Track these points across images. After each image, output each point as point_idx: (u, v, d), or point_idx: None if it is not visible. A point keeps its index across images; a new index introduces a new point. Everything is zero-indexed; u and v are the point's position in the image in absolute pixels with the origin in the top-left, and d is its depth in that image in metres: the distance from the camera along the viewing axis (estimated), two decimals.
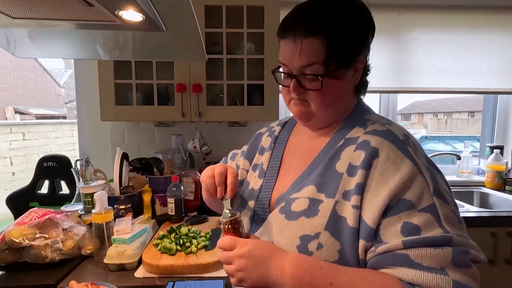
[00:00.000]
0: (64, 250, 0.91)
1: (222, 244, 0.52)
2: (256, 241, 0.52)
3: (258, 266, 0.48)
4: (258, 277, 0.48)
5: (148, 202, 1.25)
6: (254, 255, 0.48)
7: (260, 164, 0.68)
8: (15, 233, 0.85)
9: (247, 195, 0.66)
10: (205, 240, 0.98)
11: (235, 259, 0.49)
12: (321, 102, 0.55)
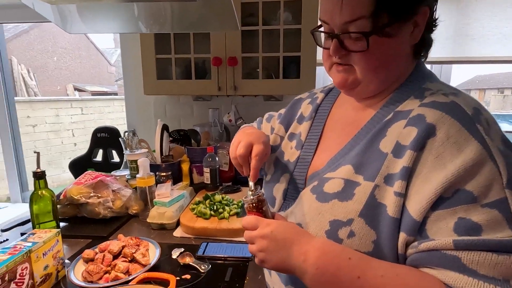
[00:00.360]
0: (113, 209, 1.03)
1: (244, 223, 0.50)
2: (280, 222, 0.49)
3: (280, 249, 0.45)
4: (279, 260, 0.45)
5: (186, 171, 1.33)
6: (276, 237, 0.45)
7: (297, 134, 0.61)
8: (74, 191, 0.98)
9: (282, 167, 0.61)
10: (237, 208, 1.03)
11: (257, 239, 0.47)
12: (367, 66, 0.46)
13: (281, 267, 0.46)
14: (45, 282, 0.68)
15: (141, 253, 0.75)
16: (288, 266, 0.45)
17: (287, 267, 0.45)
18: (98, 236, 0.93)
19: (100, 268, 0.69)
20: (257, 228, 0.47)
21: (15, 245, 0.65)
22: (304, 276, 0.43)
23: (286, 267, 0.45)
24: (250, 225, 0.49)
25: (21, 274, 0.61)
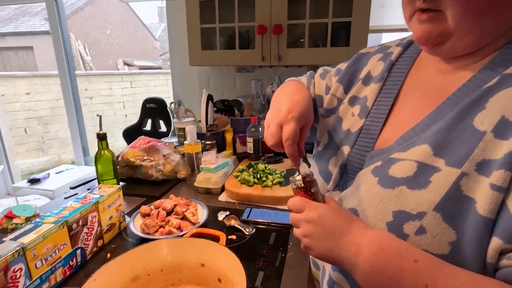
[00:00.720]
0: (164, 172, 1.10)
1: (290, 204, 0.45)
2: (329, 206, 0.42)
3: (327, 237, 0.39)
4: (326, 249, 0.40)
5: (229, 140, 1.36)
6: (323, 222, 0.40)
7: (362, 99, 0.51)
8: (130, 154, 1.07)
9: (340, 136, 0.52)
10: (280, 177, 1.04)
11: (302, 223, 0.42)
12: (465, 10, 0.35)
13: (328, 257, 0.40)
14: (110, 231, 0.76)
15: (191, 212, 0.80)
16: (335, 257, 0.39)
17: (335, 258, 0.39)
18: (152, 196, 1.01)
19: (156, 222, 0.76)
20: (303, 211, 0.42)
21: (85, 196, 0.73)
22: (354, 272, 0.37)
23: (333, 258, 0.39)
24: (296, 207, 0.44)
25: (92, 221, 0.69)
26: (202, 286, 0.58)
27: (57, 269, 0.60)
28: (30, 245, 0.54)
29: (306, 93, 0.56)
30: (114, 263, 0.51)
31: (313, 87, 0.64)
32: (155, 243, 0.57)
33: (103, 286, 0.49)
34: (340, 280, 0.48)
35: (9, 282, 0.50)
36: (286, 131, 0.47)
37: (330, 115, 0.57)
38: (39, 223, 0.60)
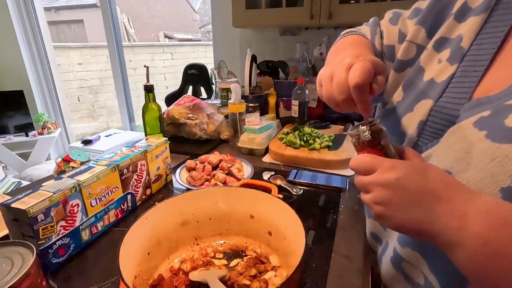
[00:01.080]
0: (207, 132, 1.08)
1: (355, 163, 0.35)
2: (411, 164, 0.33)
3: (412, 205, 0.30)
4: (410, 221, 0.31)
5: (273, 104, 1.30)
6: (405, 186, 0.31)
7: (454, 40, 0.42)
8: (175, 111, 1.06)
9: (420, 90, 0.44)
10: (328, 141, 0.96)
11: (375, 188, 0.33)
12: None
13: (412, 229, 0.31)
14: (157, 181, 0.76)
15: (236, 167, 0.77)
16: (424, 231, 0.30)
17: (423, 232, 0.30)
18: (195, 153, 1.00)
19: (202, 175, 0.74)
20: (375, 172, 0.33)
21: (134, 145, 0.73)
22: (454, 251, 0.28)
23: (421, 231, 0.31)
24: (363, 167, 0.34)
25: (141, 169, 0.69)
26: (250, 238, 0.56)
27: (110, 210, 0.61)
28: (85, 183, 0.55)
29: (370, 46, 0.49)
30: (165, 205, 0.50)
31: (379, 37, 0.54)
32: (205, 190, 0.55)
33: (154, 226, 0.48)
34: (413, 258, 0.41)
35: (68, 216, 0.52)
36: (357, 69, 0.36)
37: (406, 68, 0.49)
38: (93, 165, 0.61)
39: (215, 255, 0.53)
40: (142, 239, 0.45)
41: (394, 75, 0.51)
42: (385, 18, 0.56)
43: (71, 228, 0.53)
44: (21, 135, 2.69)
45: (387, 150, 0.36)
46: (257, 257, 0.51)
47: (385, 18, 0.56)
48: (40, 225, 0.47)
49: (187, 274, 0.47)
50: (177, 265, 0.50)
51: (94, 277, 0.50)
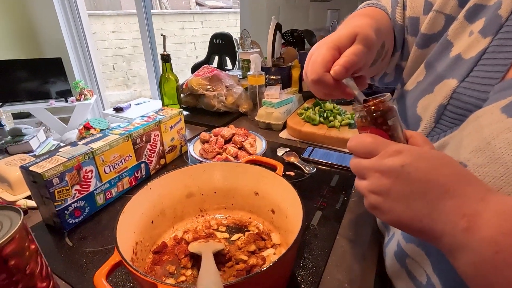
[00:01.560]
0: (226, 104, 1.07)
1: (353, 143, 0.31)
2: (422, 151, 0.28)
3: (414, 198, 0.26)
4: (408, 216, 0.27)
5: (296, 78, 1.24)
6: (410, 175, 0.26)
7: (491, 7, 0.35)
8: (194, 81, 1.05)
9: (443, 68, 0.38)
10: (350, 119, 0.91)
11: (372, 174, 0.29)
12: None
13: (412, 226, 0.27)
14: (171, 152, 0.78)
15: (249, 142, 0.76)
16: (426, 228, 0.26)
17: (424, 230, 0.26)
18: (212, 126, 1.00)
19: (214, 149, 0.74)
20: (376, 155, 0.29)
21: (149, 115, 0.74)
22: (457, 255, 0.25)
23: (421, 228, 0.26)
24: (363, 149, 0.30)
25: (154, 139, 0.71)
26: (254, 214, 0.56)
27: (124, 177, 0.64)
28: (98, 151, 0.57)
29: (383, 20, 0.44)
30: (168, 177, 0.51)
31: (401, 8, 0.48)
32: (209, 164, 0.54)
33: (158, 196, 0.49)
34: (417, 255, 0.37)
35: (82, 180, 0.55)
36: (315, 61, 0.37)
37: (431, 43, 0.43)
38: (106, 133, 0.63)
39: (218, 228, 0.53)
40: (145, 208, 0.47)
41: (417, 52, 0.45)
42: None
43: (86, 192, 0.56)
44: (61, 100, 2.88)
45: (394, 133, 0.31)
46: (258, 234, 0.51)
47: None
48: (55, 188, 0.50)
49: (188, 244, 0.48)
50: (180, 234, 0.51)
51: (107, 239, 0.53)
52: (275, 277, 0.35)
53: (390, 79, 0.56)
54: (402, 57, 0.50)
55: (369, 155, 0.30)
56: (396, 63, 0.52)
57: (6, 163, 0.64)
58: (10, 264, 0.23)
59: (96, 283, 0.29)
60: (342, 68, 0.35)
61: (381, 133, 0.31)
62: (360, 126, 0.33)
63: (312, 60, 0.37)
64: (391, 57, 0.51)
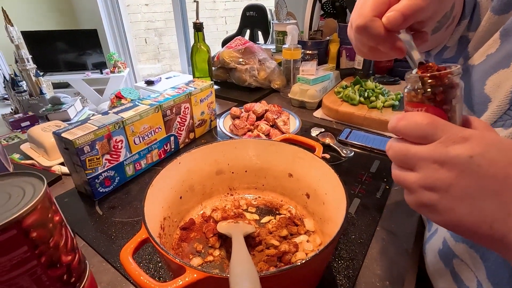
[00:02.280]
0: (258, 79, 1.01)
1: (405, 122, 0.24)
2: (493, 138, 0.22)
3: (483, 196, 0.21)
4: (473, 218, 0.22)
5: (334, 53, 1.15)
6: (481, 168, 0.21)
7: None
8: (225, 54, 1.00)
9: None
10: (394, 99, 0.82)
11: (428, 165, 0.23)
12: None
13: (477, 230, 0.22)
14: (201, 126, 0.75)
15: (282, 120, 0.71)
16: (496, 235, 0.21)
17: (494, 237, 0.21)
18: (243, 101, 0.96)
19: (245, 125, 0.70)
20: (435, 141, 0.23)
21: (179, 86, 0.71)
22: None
23: (491, 235, 0.21)
24: (418, 131, 0.23)
25: (184, 112, 0.68)
26: (286, 197, 0.52)
27: (153, 149, 0.63)
28: (128, 121, 0.55)
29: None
30: (199, 151, 0.48)
31: None
32: (242, 140, 0.51)
33: (187, 171, 0.47)
34: (468, 257, 0.32)
35: (112, 150, 0.54)
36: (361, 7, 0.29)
37: (511, 8, 0.35)
38: (137, 103, 0.61)
39: (248, 209, 0.51)
40: (174, 183, 0.45)
41: (491, 18, 0.37)
42: None
43: (116, 162, 0.55)
44: (96, 72, 2.97)
45: (454, 115, 0.25)
46: (290, 218, 0.48)
47: None
48: (86, 156, 0.50)
49: (217, 222, 0.46)
50: (208, 212, 0.49)
51: (135, 210, 0.52)
52: (314, 269, 0.32)
53: (451, 54, 0.48)
54: (469, 27, 0.42)
55: (425, 140, 0.23)
56: (461, 35, 0.44)
57: (42, 129, 0.65)
58: (32, 236, 0.21)
59: (123, 261, 0.27)
60: (400, 14, 0.26)
61: (440, 113, 0.24)
62: (412, 102, 0.26)
63: (362, 2, 0.30)
64: (456, 26, 0.43)
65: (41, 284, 0.23)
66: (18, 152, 0.68)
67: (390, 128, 0.25)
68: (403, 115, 0.25)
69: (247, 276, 0.24)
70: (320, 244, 0.43)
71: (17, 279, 0.22)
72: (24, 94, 1.87)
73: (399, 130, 0.24)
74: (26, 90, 1.89)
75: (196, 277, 0.26)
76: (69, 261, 0.25)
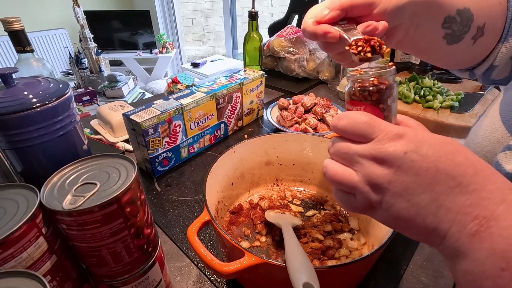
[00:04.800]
0: (306, 69, 1.00)
1: (345, 121, 0.24)
2: (427, 135, 0.23)
3: (418, 191, 0.21)
4: (409, 213, 0.22)
5: None
6: (415, 164, 0.21)
7: None
8: (276, 43, 1.00)
9: None
10: (454, 100, 0.77)
11: (367, 162, 0.23)
12: None
13: (411, 225, 0.22)
14: (249, 115, 0.78)
15: (330, 115, 0.71)
16: (428, 228, 0.22)
17: (426, 230, 0.22)
18: (290, 92, 0.96)
19: (293, 117, 0.71)
20: (372, 139, 0.23)
21: (232, 75, 0.74)
22: (458, 259, 0.21)
23: (424, 229, 0.22)
24: (357, 130, 0.23)
25: (235, 101, 0.71)
26: (331, 193, 0.53)
27: (205, 135, 0.66)
28: (187, 107, 0.59)
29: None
30: (252, 142, 0.50)
31: None
32: (294, 135, 0.52)
33: (240, 159, 0.50)
34: None
35: (171, 133, 0.58)
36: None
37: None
38: (194, 90, 0.65)
39: (293, 201, 0.53)
40: (227, 170, 0.48)
41: None
42: None
43: (173, 144, 0.60)
44: (147, 51, 3.12)
45: (389, 114, 0.25)
46: (335, 214, 0.49)
47: None
48: (150, 137, 0.55)
49: (263, 211, 0.49)
50: (256, 200, 0.52)
51: (188, 189, 0.57)
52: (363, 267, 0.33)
53: (503, 75, 0.43)
54: None
55: (364, 139, 0.23)
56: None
57: (110, 108, 0.72)
58: (126, 210, 0.25)
59: (190, 239, 0.31)
60: (324, 8, 0.29)
61: (377, 112, 0.25)
62: (351, 100, 0.26)
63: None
64: (500, 43, 0.39)
65: (129, 251, 0.27)
66: (88, 127, 0.76)
67: (332, 127, 0.26)
68: (343, 114, 0.25)
69: (305, 269, 0.26)
70: (365, 243, 0.44)
71: (113, 244, 0.26)
72: (86, 71, 2.05)
73: (340, 129, 0.25)
74: (88, 67, 2.06)
75: (254, 261, 0.29)
76: (149, 234, 0.30)
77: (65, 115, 0.42)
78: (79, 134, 0.46)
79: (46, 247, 0.25)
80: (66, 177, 0.27)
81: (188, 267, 0.43)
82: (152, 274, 0.31)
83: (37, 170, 0.42)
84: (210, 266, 0.29)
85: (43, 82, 0.42)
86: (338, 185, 0.25)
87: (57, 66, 2.75)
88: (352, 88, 0.26)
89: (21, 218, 0.23)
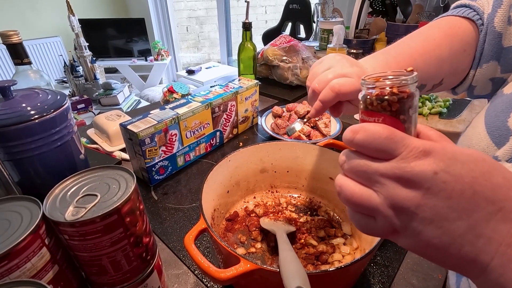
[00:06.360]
0: (300, 78, 1.03)
1: (364, 135, 0.21)
2: (458, 150, 0.20)
3: (454, 217, 0.19)
4: (441, 241, 0.20)
5: None
6: (447, 185, 0.19)
7: None
8: (269, 51, 1.02)
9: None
10: (442, 106, 0.79)
11: (390, 183, 0.20)
12: None
13: (446, 256, 0.20)
14: (244, 123, 0.79)
15: (323, 122, 0.73)
16: (465, 259, 0.20)
17: (463, 261, 0.20)
18: (284, 99, 0.98)
19: (286, 124, 0.73)
20: (396, 156, 0.20)
21: (227, 84, 0.75)
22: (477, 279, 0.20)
23: (460, 259, 0.20)
24: (377, 145, 0.21)
25: (230, 109, 0.72)
26: (325, 199, 0.54)
27: (201, 143, 0.68)
28: (183, 116, 0.60)
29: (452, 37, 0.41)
30: (247, 151, 0.51)
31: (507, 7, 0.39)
32: (287, 143, 0.53)
33: (235, 167, 0.51)
34: None
35: (168, 142, 0.60)
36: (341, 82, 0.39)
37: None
38: (190, 100, 0.67)
39: (287, 207, 0.54)
40: (223, 178, 0.49)
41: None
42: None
43: (170, 153, 0.61)
44: (142, 59, 3.14)
45: (410, 126, 0.22)
46: (328, 220, 0.50)
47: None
48: (147, 147, 0.56)
49: (259, 217, 0.50)
50: (251, 207, 0.53)
51: (184, 197, 0.58)
52: (354, 272, 0.35)
53: (485, 92, 0.45)
54: (501, 69, 0.41)
55: (385, 155, 0.21)
56: (493, 77, 0.43)
57: (106, 117, 0.73)
58: (126, 220, 0.26)
59: (187, 247, 0.32)
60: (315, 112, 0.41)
61: (397, 124, 0.22)
62: (367, 110, 0.23)
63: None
64: (477, 69, 0.43)
65: (129, 259, 0.28)
66: (85, 137, 0.77)
67: (346, 141, 0.22)
68: (359, 126, 0.22)
69: (298, 274, 0.27)
70: (357, 248, 0.45)
71: (113, 253, 0.27)
72: (81, 79, 2.06)
73: (357, 143, 0.22)
74: (82, 75, 2.07)
75: (249, 267, 0.30)
76: (147, 242, 0.31)
77: (63, 125, 0.43)
78: (76, 144, 0.46)
79: (49, 257, 0.26)
80: (67, 189, 0.28)
81: (186, 274, 0.44)
82: (150, 282, 0.32)
83: (35, 180, 0.42)
84: (207, 273, 0.30)
85: (41, 94, 0.43)
86: (356, 207, 0.22)
87: (52, 74, 2.75)
88: (368, 96, 0.22)
89: (25, 229, 0.24)
